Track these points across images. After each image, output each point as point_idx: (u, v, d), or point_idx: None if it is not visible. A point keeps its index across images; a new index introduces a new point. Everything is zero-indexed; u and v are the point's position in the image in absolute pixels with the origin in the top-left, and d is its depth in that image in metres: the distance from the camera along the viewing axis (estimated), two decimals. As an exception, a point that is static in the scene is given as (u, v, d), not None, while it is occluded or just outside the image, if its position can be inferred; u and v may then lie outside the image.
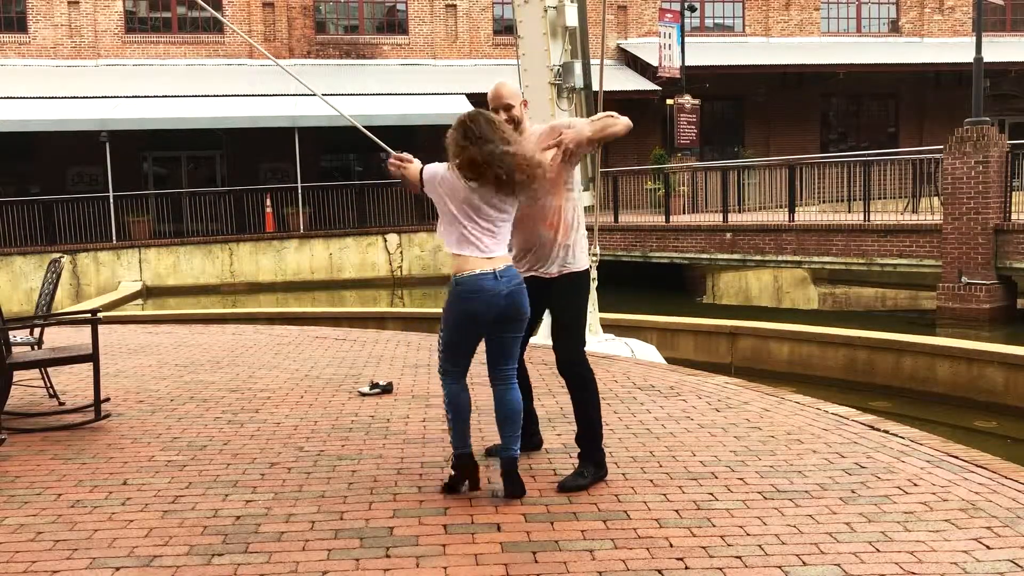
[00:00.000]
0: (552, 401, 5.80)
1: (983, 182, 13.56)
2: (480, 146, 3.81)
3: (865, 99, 29.66)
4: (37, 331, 6.62)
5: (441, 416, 5.04)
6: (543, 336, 8.36)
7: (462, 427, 4.02)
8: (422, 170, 4.06)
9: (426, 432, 5.14)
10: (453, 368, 4.04)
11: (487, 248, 3.91)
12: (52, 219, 21.06)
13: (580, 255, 4.32)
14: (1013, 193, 13.88)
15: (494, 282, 3.87)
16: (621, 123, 4.21)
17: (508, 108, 4.27)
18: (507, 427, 4.01)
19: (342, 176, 25.85)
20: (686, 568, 3.24)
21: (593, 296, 8.69)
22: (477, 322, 3.93)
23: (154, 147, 24.93)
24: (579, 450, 4.28)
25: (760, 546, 3.42)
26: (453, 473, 4.06)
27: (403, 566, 3.29)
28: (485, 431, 4.95)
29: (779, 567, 3.23)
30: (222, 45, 25.97)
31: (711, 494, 4.00)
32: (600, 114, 4.33)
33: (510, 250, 4.20)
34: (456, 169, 3.89)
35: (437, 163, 4.04)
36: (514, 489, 3.97)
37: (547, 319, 4.54)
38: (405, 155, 4.19)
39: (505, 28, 26.67)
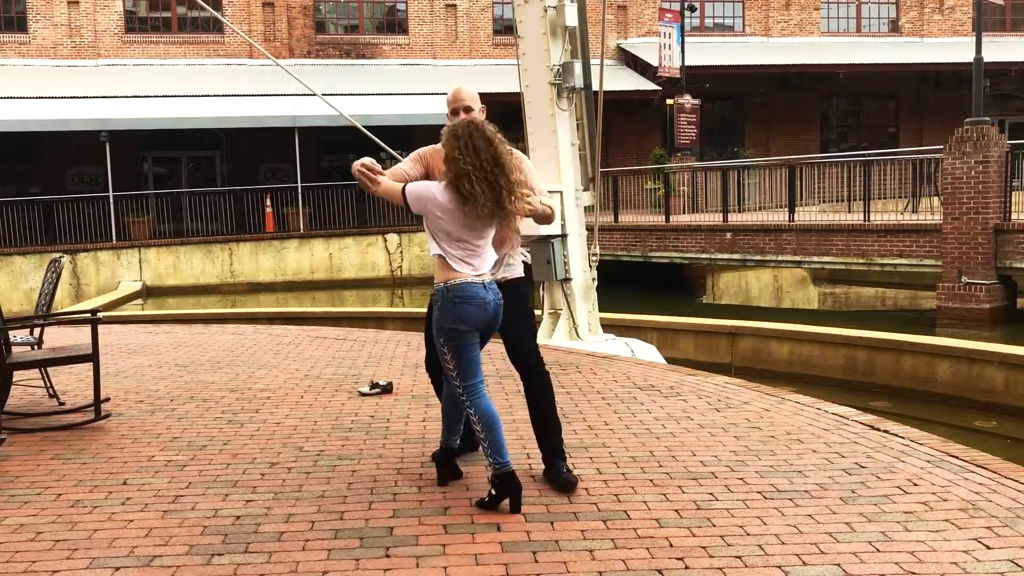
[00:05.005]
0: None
1: (983, 182, 13.56)
2: (476, 164, 3.72)
3: (865, 99, 29.66)
4: (37, 331, 6.62)
5: (440, 416, 5.04)
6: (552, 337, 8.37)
7: (499, 439, 3.82)
8: (404, 188, 3.95)
9: (426, 432, 5.14)
10: (471, 379, 3.89)
11: (477, 268, 3.89)
12: (52, 219, 21.07)
13: (518, 264, 4.44)
14: (1013, 193, 13.89)
15: (483, 291, 3.88)
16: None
17: (468, 110, 4.31)
18: (455, 421, 4.26)
19: (342, 176, 25.80)
20: (686, 568, 3.24)
21: (593, 296, 8.70)
22: (472, 326, 3.88)
23: (154, 147, 24.94)
24: (549, 448, 4.21)
25: (760, 546, 3.42)
26: (493, 492, 3.82)
27: (403, 566, 3.29)
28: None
29: (779, 567, 3.23)
30: (222, 45, 25.96)
31: (711, 494, 4.00)
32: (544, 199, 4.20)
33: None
34: (451, 188, 3.80)
35: (422, 181, 3.92)
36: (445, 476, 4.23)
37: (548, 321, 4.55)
38: (374, 165, 4.01)
39: (505, 28, 26.67)
